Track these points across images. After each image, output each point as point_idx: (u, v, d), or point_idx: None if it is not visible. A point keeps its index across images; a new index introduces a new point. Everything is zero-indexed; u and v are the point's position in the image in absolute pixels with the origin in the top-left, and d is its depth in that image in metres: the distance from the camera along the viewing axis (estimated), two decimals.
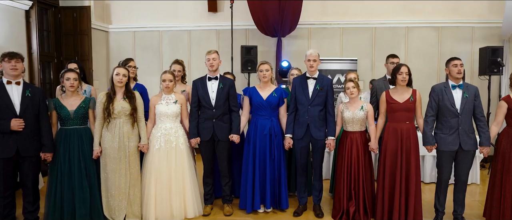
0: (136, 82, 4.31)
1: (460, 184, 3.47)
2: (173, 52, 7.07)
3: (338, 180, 3.68)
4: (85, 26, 6.68)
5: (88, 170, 3.57)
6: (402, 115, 3.49)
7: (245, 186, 3.88)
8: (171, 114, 3.77)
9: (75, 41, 6.66)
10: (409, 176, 3.45)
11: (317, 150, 3.76)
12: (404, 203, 3.47)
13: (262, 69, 3.84)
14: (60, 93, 3.78)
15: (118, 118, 3.59)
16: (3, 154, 3.23)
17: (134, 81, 4.27)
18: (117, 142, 3.59)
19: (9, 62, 3.27)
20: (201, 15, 7.06)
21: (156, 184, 3.70)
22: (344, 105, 3.70)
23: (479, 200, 4.13)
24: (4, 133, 3.23)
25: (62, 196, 3.49)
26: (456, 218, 3.53)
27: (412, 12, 6.35)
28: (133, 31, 7.25)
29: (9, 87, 3.31)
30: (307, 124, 3.70)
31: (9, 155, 3.25)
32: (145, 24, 7.16)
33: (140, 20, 7.18)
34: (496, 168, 3.37)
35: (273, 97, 3.82)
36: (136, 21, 7.20)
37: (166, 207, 3.70)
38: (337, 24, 6.58)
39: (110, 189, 3.62)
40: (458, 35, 6.25)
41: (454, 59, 3.43)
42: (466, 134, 3.35)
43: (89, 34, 6.66)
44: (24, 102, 3.31)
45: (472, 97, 3.36)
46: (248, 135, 3.90)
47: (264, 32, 6.39)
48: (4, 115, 3.23)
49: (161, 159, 3.71)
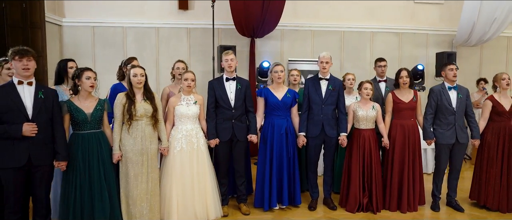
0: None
1: (455, 172, 4.07)
2: (139, 50, 6.82)
3: (353, 175, 4.01)
4: (37, 19, 6.06)
5: (107, 176, 3.38)
6: (407, 113, 3.99)
7: (261, 184, 4.01)
8: (192, 115, 3.75)
9: (25, 34, 6.01)
10: (415, 166, 3.96)
11: (330, 147, 4.06)
12: (412, 190, 3.96)
13: (276, 70, 4.01)
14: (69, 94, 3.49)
15: (140, 120, 3.47)
16: (13, 163, 2.89)
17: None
18: (139, 145, 3.47)
19: (20, 61, 2.94)
20: (170, 12, 6.91)
21: (178, 186, 3.65)
22: (356, 105, 4.05)
23: (460, 187, 4.66)
24: (14, 139, 2.89)
25: (82, 207, 3.25)
26: (450, 201, 4.14)
27: (376, 18, 7.04)
28: (91, 26, 6.81)
29: (20, 88, 2.97)
30: (321, 123, 3.97)
31: (20, 164, 2.91)
32: (106, 19, 6.78)
33: (100, 14, 6.77)
34: (482, 157, 4.03)
35: (287, 98, 4.02)
36: (95, 16, 6.77)
37: (189, 210, 3.67)
38: (308, 27, 6.99)
39: (131, 195, 3.48)
40: (415, 40, 7.11)
41: (450, 64, 4.00)
42: (460, 129, 3.94)
43: (43, 28, 6.07)
44: (37, 104, 2.99)
45: (464, 97, 3.97)
46: (264, 135, 4.03)
47: (241, 32, 6.51)
48: (15, 119, 2.90)
49: (184, 161, 3.67)
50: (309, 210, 4.08)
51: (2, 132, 2.85)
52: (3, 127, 2.86)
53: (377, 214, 3.93)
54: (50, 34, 6.26)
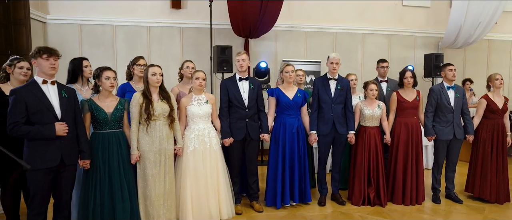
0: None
1: (452, 165, 4.46)
2: (130, 49, 6.85)
3: (358, 170, 4.30)
4: (22, 15, 5.98)
5: (127, 176, 3.47)
6: (411, 112, 4.33)
7: (273, 183, 4.20)
8: (204, 114, 3.87)
9: (8, 32, 5.92)
10: (418, 162, 4.31)
11: (340, 144, 4.32)
12: (415, 184, 4.30)
13: (288, 71, 4.22)
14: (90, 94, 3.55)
15: (158, 120, 3.57)
16: (47, 163, 2.92)
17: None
18: (157, 146, 3.55)
19: (48, 59, 2.96)
20: (162, 11, 6.98)
21: (192, 186, 3.76)
22: (363, 104, 4.34)
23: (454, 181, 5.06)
24: (47, 139, 2.93)
25: (102, 207, 3.32)
26: (449, 194, 4.52)
27: (367, 20, 7.43)
28: (78, 23, 6.77)
29: (45, 87, 2.98)
30: (332, 121, 4.23)
31: (53, 164, 2.95)
32: (94, 17, 6.75)
33: (87, 12, 6.74)
34: (477, 152, 4.42)
35: (298, 97, 4.24)
36: (82, 13, 6.73)
37: (204, 210, 3.79)
38: (302, 28, 7.26)
39: (149, 195, 3.56)
40: (404, 42, 7.56)
41: (449, 65, 4.38)
42: (458, 126, 4.32)
43: (28, 25, 5.99)
44: (63, 103, 3.02)
45: (461, 96, 4.35)
46: (276, 134, 4.22)
47: (237, 33, 6.68)
48: (45, 119, 2.92)
49: (197, 161, 3.79)
50: (319, 206, 4.32)
51: (36, 133, 2.85)
52: (36, 128, 2.86)
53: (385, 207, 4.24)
54: (34, 32, 6.16)
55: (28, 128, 2.84)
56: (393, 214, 4.09)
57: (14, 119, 2.84)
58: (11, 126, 2.84)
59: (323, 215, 4.06)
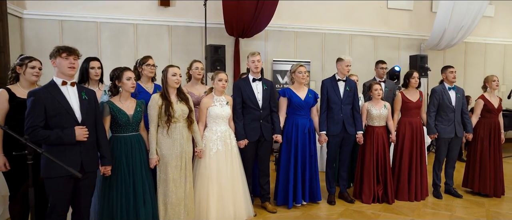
0: (154, 83, 4.19)
1: (452, 161, 4.78)
2: (115, 47, 6.71)
3: (367, 169, 4.49)
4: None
5: (148, 180, 3.42)
6: (415, 112, 4.59)
7: (285, 183, 4.30)
8: (226, 116, 3.90)
9: None
10: (422, 159, 4.57)
11: (349, 143, 4.48)
12: (419, 181, 4.56)
13: (301, 71, 4.30)
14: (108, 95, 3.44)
15: (178, 122, 3.54)
16: (67, 171, 2.76)
17: (152, 82, 4.14)
18: (178, 149, 3.52)
19: (67, 58, 2.85)
20: (149, 8, 6.87)
21: (214, 188, 3.78)
22: (370, 104, 4.54)
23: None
24: (66, 145, 2.82)
25: (128, 212, 3.27)
26: (449, 189, 4.83)
27: (354, 21, 7.70)
28: (59, 19, 6.51)
29: (64, 89, 2.86)
30: (342, 121, 4.39)
31: None
32: (76, 13, 6.52)
33: (68, 7, 6.49)
34: (475, 150, 4.76)
35: (309, 98, 4.36)
36: (63, 9, 6.48)
37: (227, 211, 3.82)
38: (292, 28, 7.41)
39: (169, 199, 3.53)
40: (389, 43, 7.92)
41: (449, 67, 4.68)
42: (458, 125, 4.63)
43: (5, 20, 5.69)
44: (83, 106, 2.91)
45: (461, 97, 4.67)
46: (287, 134, 4.30)
47: (230, 32, 6.70)
48: (65, 123, 2.79)
49: (220, 162, 3.81)
50: (329, 205, 4.47)
51: (55, 138, 2.72)
52: (55, 132, 2.73)
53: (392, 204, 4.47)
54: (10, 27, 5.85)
55: (46, 133, 2.72)
56: (403, 210, 4.32)
57: (32, 123, 2.70)
58: (29, 130, 2.69)
59: (337, 214, 4.21)
